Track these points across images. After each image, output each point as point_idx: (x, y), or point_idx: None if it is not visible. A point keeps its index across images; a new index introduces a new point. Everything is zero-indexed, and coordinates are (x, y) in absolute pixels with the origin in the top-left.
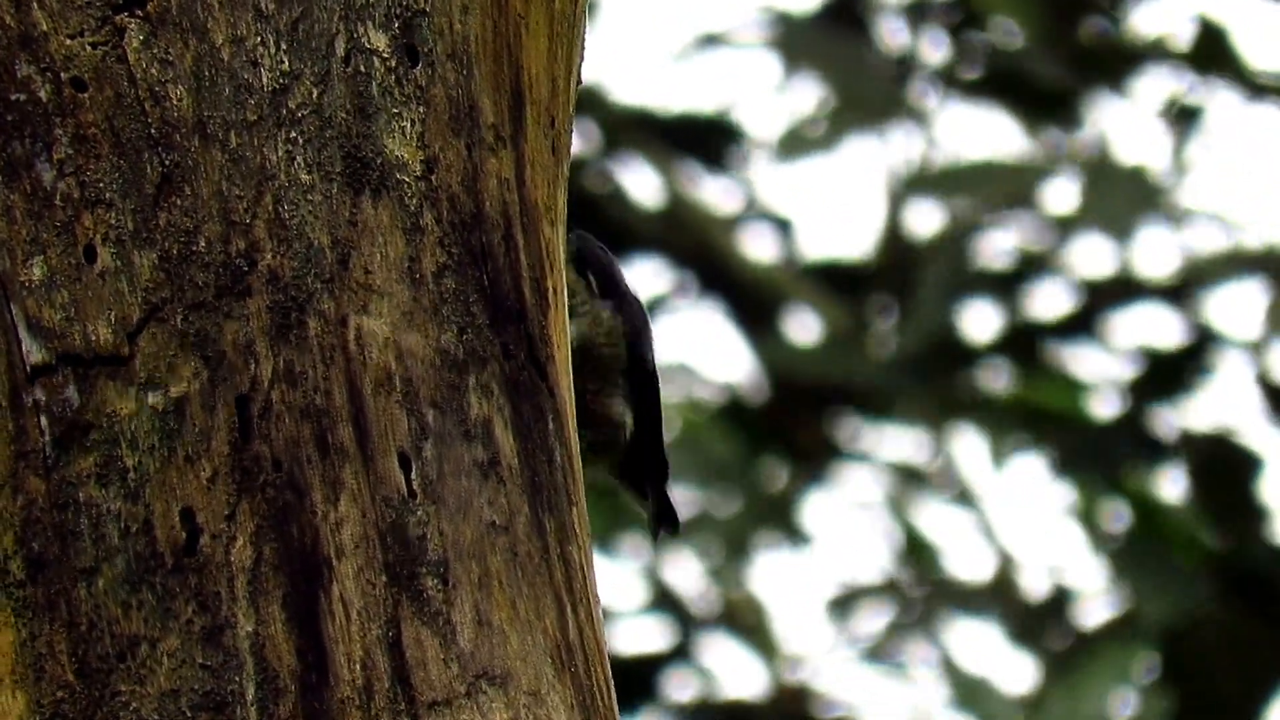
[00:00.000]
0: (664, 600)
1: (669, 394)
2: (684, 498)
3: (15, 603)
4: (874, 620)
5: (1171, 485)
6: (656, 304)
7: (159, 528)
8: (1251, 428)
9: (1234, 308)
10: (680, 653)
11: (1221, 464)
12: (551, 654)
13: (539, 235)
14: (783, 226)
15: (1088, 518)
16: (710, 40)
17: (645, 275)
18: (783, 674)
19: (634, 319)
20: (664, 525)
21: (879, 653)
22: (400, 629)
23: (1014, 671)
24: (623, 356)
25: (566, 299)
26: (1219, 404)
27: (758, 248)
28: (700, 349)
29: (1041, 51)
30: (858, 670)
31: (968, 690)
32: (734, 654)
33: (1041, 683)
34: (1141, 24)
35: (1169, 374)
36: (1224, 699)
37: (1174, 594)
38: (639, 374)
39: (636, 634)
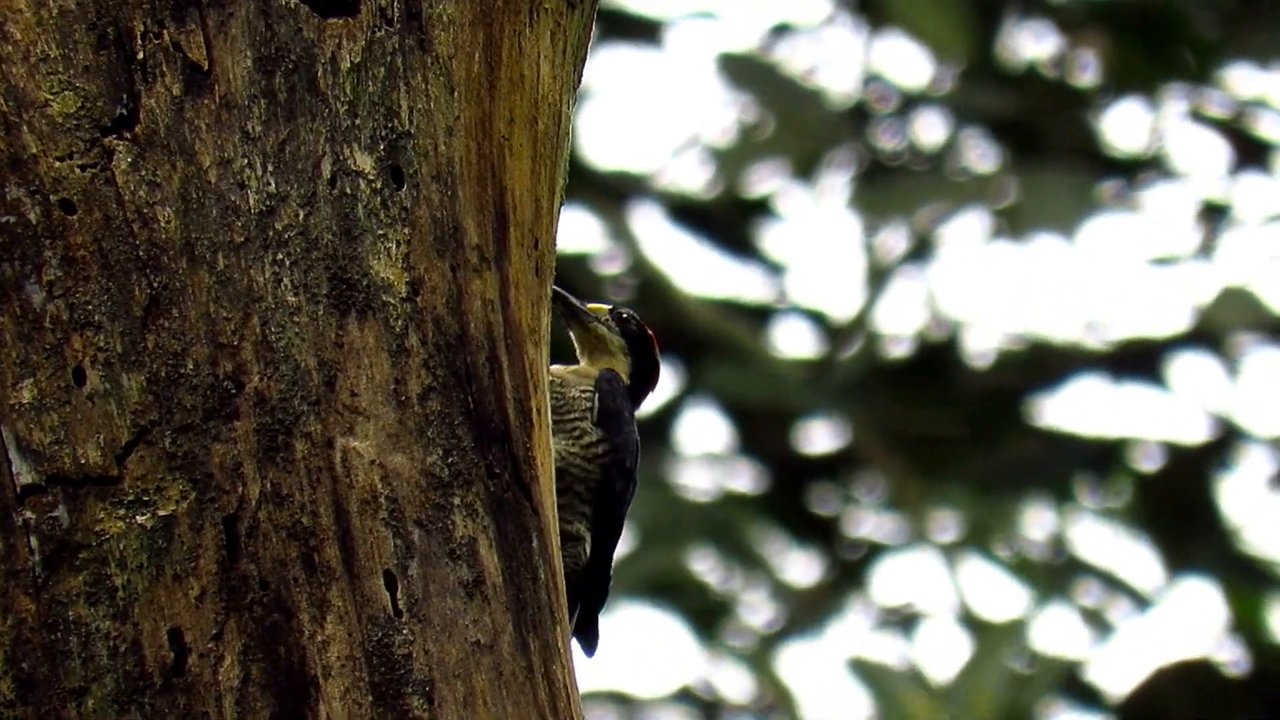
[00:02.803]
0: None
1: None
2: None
3: None
4: None
5: None
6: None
7: (147, 647)
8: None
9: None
10: None
11: None
12: None
13: (523, 356)
14: (815, 319)
15: None
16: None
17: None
18: None
19: (623, 450)
20: (584, 645)
21: None
22: None
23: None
24: (596, 479)
25: (552, 412)
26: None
27: (790, 340)
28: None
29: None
30: None
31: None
32: None
33: None
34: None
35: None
36: None
37: None
38: (607, 500)
39: None
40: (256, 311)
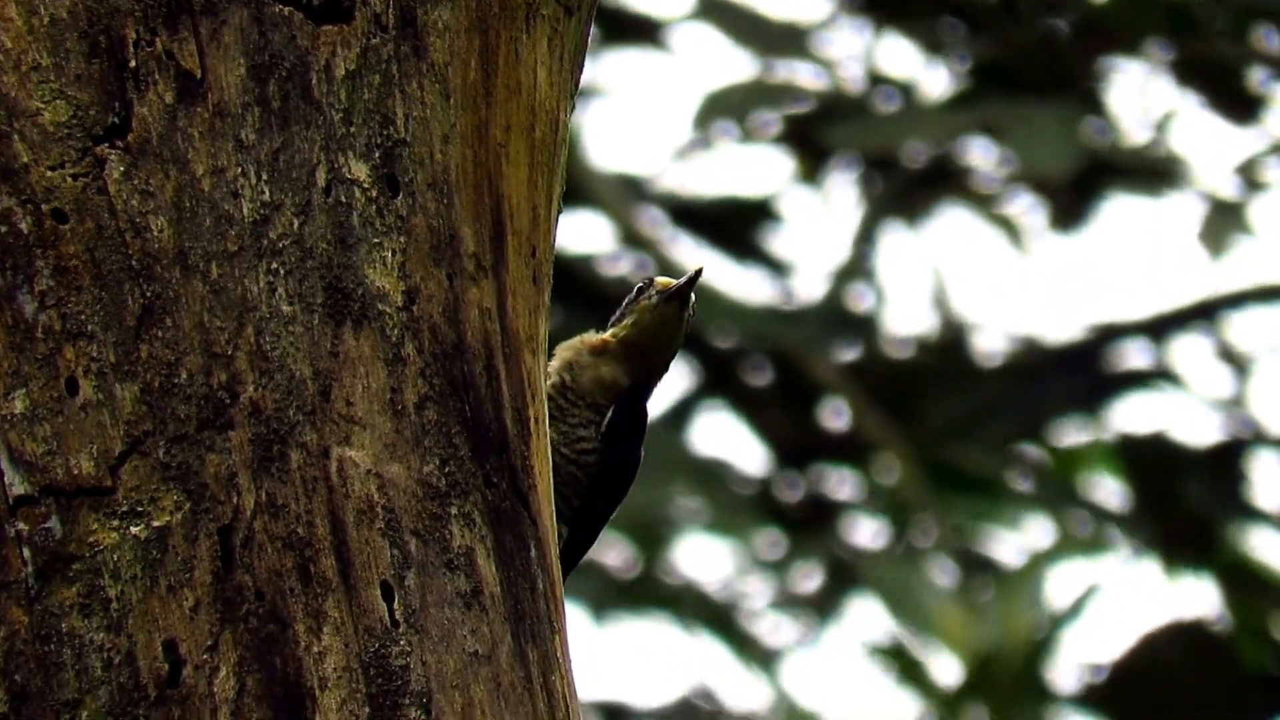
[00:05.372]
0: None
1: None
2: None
3: None
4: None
5: None
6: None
7: (142, 659)
8: None
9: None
10: None
11: None
12: None
13: (520, 365)
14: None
15: None
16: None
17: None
18: None
19: (617, 469)
20: None
21: None
22: None
23: None
24: (580, 482)
25: (565, 401)
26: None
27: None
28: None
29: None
30: None
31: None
32: None
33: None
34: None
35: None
36: None
37: None
38: (589, 506)
39: None
40: (251, 321)
